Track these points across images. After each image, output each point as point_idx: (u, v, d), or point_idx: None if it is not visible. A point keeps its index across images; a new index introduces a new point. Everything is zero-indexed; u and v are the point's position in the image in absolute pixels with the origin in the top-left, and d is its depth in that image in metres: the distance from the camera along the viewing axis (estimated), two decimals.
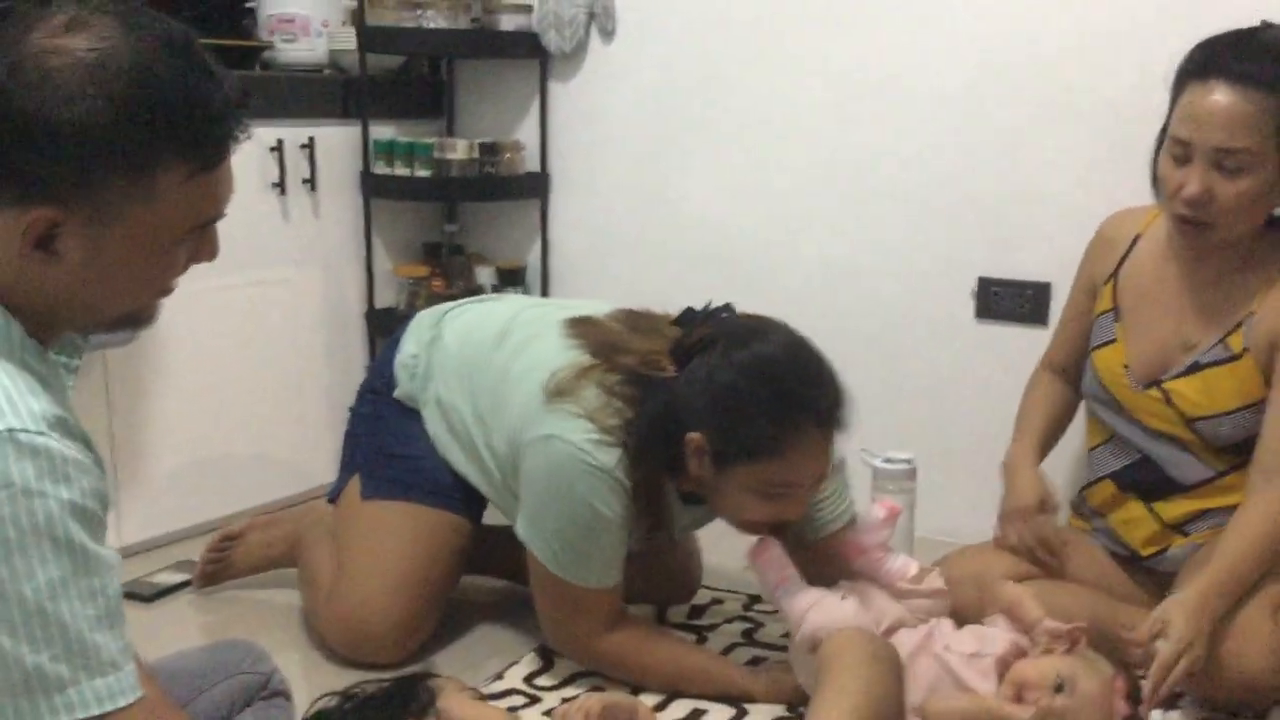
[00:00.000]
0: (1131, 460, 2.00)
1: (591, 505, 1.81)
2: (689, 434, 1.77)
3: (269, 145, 2.64)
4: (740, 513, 1.83)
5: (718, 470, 1.78)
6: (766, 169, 2.73)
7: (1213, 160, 1.77)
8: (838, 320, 2.69)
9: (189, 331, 2.56)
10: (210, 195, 1.15)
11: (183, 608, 2.27)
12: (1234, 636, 1.75)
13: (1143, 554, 2.00)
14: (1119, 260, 2.04)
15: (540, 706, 1.87)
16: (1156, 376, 1.95)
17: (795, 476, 1.78)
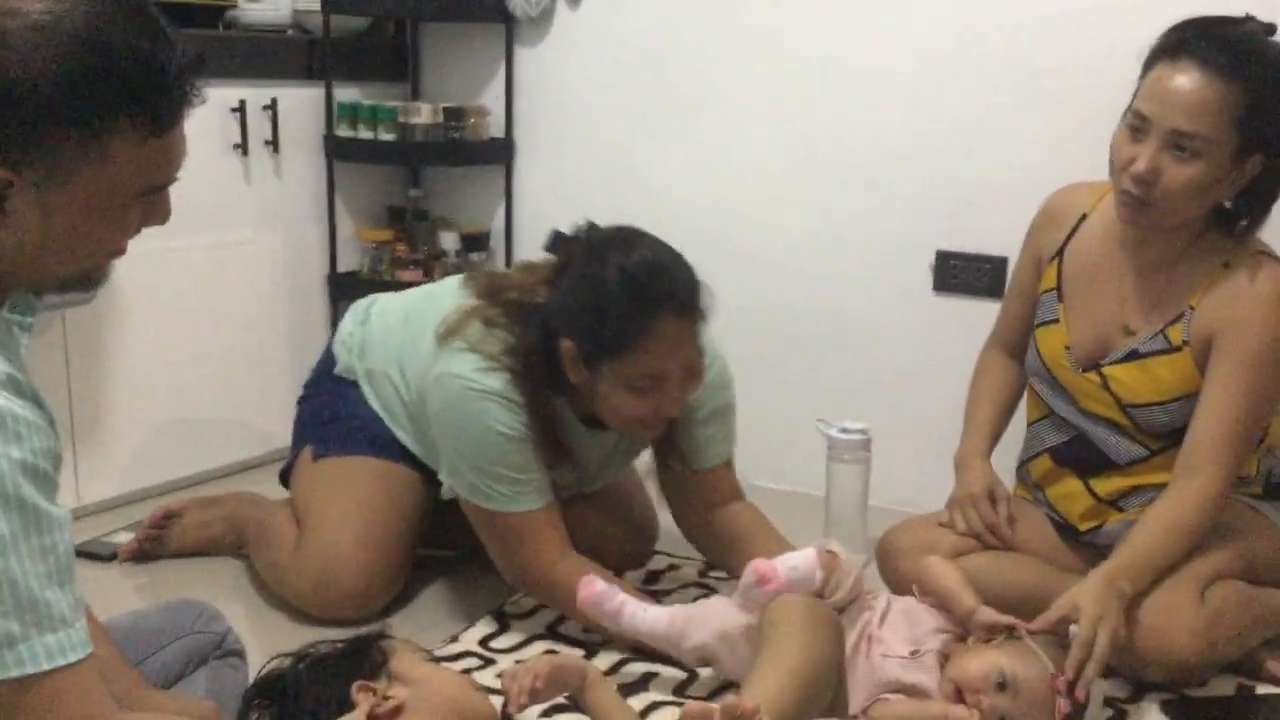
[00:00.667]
0: (1068, 437, 2.02)
1: (490, 428, 1.89)
2: (562, 343, 1.85)
3: (231, 106, 2.63)
4: (622, 410, 1.88)
5: (592, 372, 1.86)
6: (732, 141, 2.74)
7: (1168, 141, 1.76)
8: (798, 291, 2.72)
9: (149, 292, 2.56)
10: (163, 159, 1.15)
11: (139, 568, 2.27)
12: (1158, 615, 1.78)
13: (1080, 529, 2.03)
14: (1065, 238, 2.03)
15: (495, 669, 1.89)
16: (1096, 360, 1.96)
17: (662, 367, 1.84)
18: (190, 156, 2.75)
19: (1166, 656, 1.78)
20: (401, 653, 1.60)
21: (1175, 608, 1.78)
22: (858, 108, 2.60)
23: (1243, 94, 1.74)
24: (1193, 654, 1.78)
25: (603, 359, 1.84)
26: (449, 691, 1.56)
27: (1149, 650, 1.78)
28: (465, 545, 2.27)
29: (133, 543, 2.31)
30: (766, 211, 2.72)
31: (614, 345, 1.83)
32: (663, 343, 1.83)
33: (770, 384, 2.77)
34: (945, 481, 2.45)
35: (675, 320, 1.84)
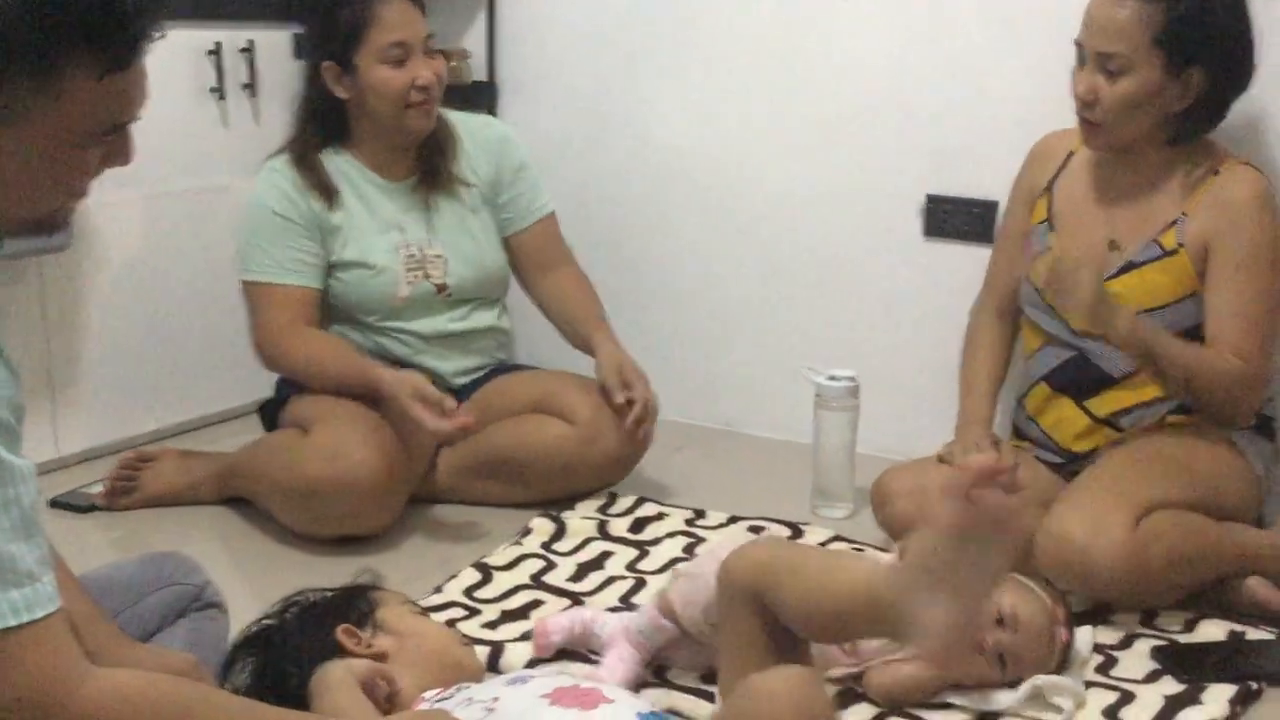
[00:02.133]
0: (1065, 358, 2.05)
1: (261, 202, 2.25)
2: (321, 68, 2.21)
3: (206, 49, 2.57)
4: (387, 90, 2.20)
5: (352, 75, 2.21)
6: (718, 85, 2.68)
7: (1098, 64, 1.91)
8: (787, 237, 2.68)
9: (126, 240, 2.52)
10: (122, 96, 1.10)
11: (116, 519, 2.25)
12: (1083, 530, 1.79)
13: (1076, 450, 2.04)
14: (1054, 174, 2.10)
15: (480, 619, 1.87)
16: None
17: (402, 34, 2.19)
18: (165, 101, 2.70)
19: (1090, 570, 1.79)
20: (390, 603, 1.58)
21: (1102, 522, 1.80)
22: (845, 51, 2.55)
23: (1160, 12, 1.87)
24: (1118, 570, 1.79)
25: (354, 50, 2.18)
26: (435, 644, 1.54)
27: (1074, 564, 1.80)
28: (453, 498, 2.31)
29: (107, 482, 2.28)
30: (754, 156, 2.68)
31: (355, 30, 2.18)
32: (392, 11, 2.19)
33: (758, 331, 2.74)
34: (935, 429, 2.43)
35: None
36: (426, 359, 2.35)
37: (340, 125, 2.29)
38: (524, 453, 2.27)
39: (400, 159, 2.31)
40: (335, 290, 2.30)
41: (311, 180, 2.25)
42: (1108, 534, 1.79)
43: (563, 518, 2.22)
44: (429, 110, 2.25)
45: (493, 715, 1.29)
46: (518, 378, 2.41)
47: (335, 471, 2.06)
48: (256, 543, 2.17)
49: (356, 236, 2.28)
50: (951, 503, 1.22)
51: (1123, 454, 1.95)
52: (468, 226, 2.36)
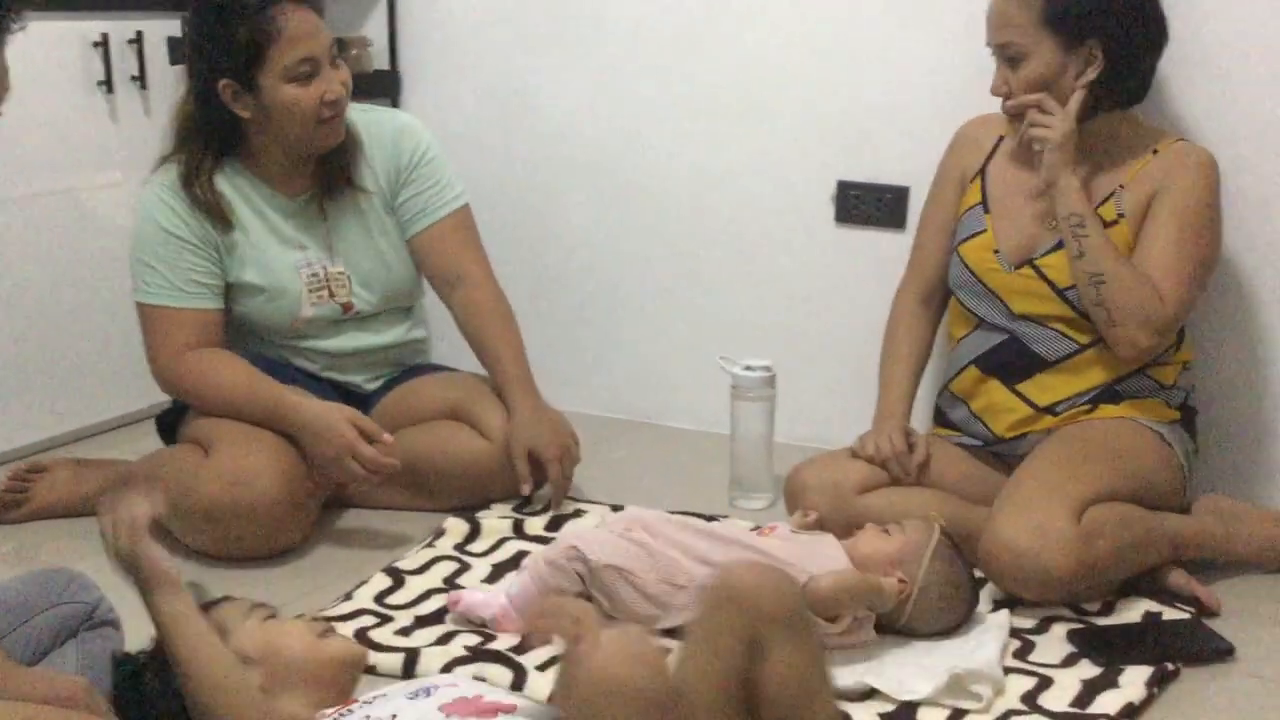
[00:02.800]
0: (997, 342, 2.06)
1: (149, 219, 2.13)
2: (218, 85, 2.05)
3: (93, 40, 2.47)
4: (295, 108, 2.06)
5: (255, 94, 2.06)
6: (626, 72, 2.65)
7: (1001, 55, 1.99)
8: (699, 225, 2.65)
9: (11, 240, 2.41)
10: None
11: (6, 533, 2.15)
12: (1030, 534, 1.80)
13: (1005, 436, 2.05)
14: (985, 158, 2.13)
15: (392, 625, 1.82)
16: (1027, 256, 2.03)
17: (308, 49, 2.05)
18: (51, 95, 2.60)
19: (1040, 575, 1.80)
20: (233, 620, 1.43)
21: (1048, 526, 1.80)
22: (754, 34, 2.52)
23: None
24: (1066, 572, 1.80)
25: (255, 69, 2.03)
26: (297, 651, 1.40)
27: (1023, 569, 1.80)
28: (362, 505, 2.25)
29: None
30: (663, 142, 2.64)
31: (256, 48, 2.02)
32: (294, 25, 2.03)
33: (672, 322, 2.71)
34: (852, 416, 2.43)
35: (294, 6, 2.04)
36: (334, 373, 2.28)
37: (234, 141, 2.15)
38: (437, 464, 2.20)
39: (299, 172, 2.19)
40: (237, 311, 2.21)
41: (203, 203, 2.12)
42: (1055, 537, 1.79)
43: (477, 517, 2.17)
44: (338, 124, 2.13)
45: None
46: (431, 381, 2.33)
47: (237, 497, 1.97)
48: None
49: (255, 257, 2.18)
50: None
51: (1056, 449, 1.95)
52: (372, 239, 2.25)
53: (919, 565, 1.74)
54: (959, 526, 1.90)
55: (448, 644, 1.75)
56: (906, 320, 2.20)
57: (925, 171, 2.25)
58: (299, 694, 1.36)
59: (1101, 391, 2.01)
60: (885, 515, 1.89)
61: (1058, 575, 1.79)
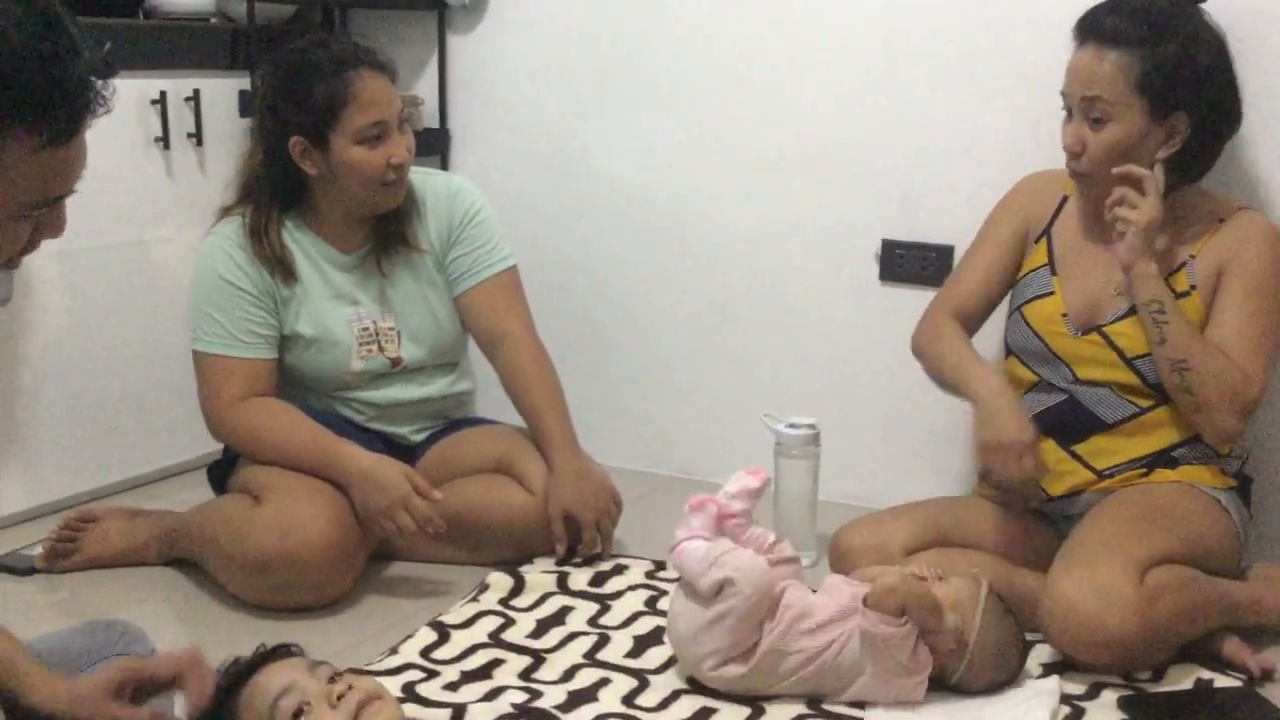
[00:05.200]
0: (1055, 402, 2.04)
1: (210, 269, 2.17)
2: (289, 142, 2.10)
3: (151, 98, 2.52)
4: (362, 169, 2.12)
5: (324, 152, 2.11)
6: (672, 129, 2.67)
7: (1083, 112, 1.94)
8: (743, 283, 2.66)
9: (68, 292, 2.45)
10: (59, 171, 1.06)
11: (58, 582, 2.17)
12: (1093, 597, 1.77)
13: (1055, 494, 2.03)
14: (1050, 218, 2.11)
15: (439, 680, 1.82)
16: (1095, 322, 2.02)
17: (379, 113, 2.11)
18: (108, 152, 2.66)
19: (1103, 637, 1.77)
20: (310, 695, 1.41)
21: (1110, 588, 1.77)
22: (801, 94, 2.55)
23: (1139, 59, 1.90)
24: (1128, 635, 1.77)
25: (328, 129, 2.09)
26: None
27: (1087, 631, 1.77)
28: (407, 558, 2.26)
29: (47, 543, 2.20)
30: (708, 201, 2.67)
31: (331, 109, 2.08)
32: (369, 90, 2.10)
33: (715, 379, 2.71)
34: (896, 475, 2.43)
35: (370, 71, 2.11)
36: (380, 424, 2.30)
37: (298, 196, 2.21)
38: (481, 518, 2.22)
39: (357, 229, 2.24)
40: (287, 361, 2.24)
41: (267, 256, 2.17)
42: (1118, 598, 1.77)
43: (521, 572, 2.17)
44: (401, 186, 2.18)
45: None
46: (475, 435, 2.35)
47: (287, 547, 1.99)
48: (204, 606, 2.10)
49: (310, 310, 2.22)
50: None
51: (1115, 510, 1.93)
52: (423, 296, 2.29)
53: (972, 619, 1.73)
54: (1004, 589, 1.88)
55: (494, 700, 1.75)
56: (945, 325, 2.11)
57: (970, 230, 2.25)
58: None
59: (1158, 457, 1.99)
60: None
61: (1120, 638, 1.76)
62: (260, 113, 2.20)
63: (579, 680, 1.82)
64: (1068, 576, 1.81)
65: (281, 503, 2.04)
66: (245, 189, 2.22)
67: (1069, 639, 1.80)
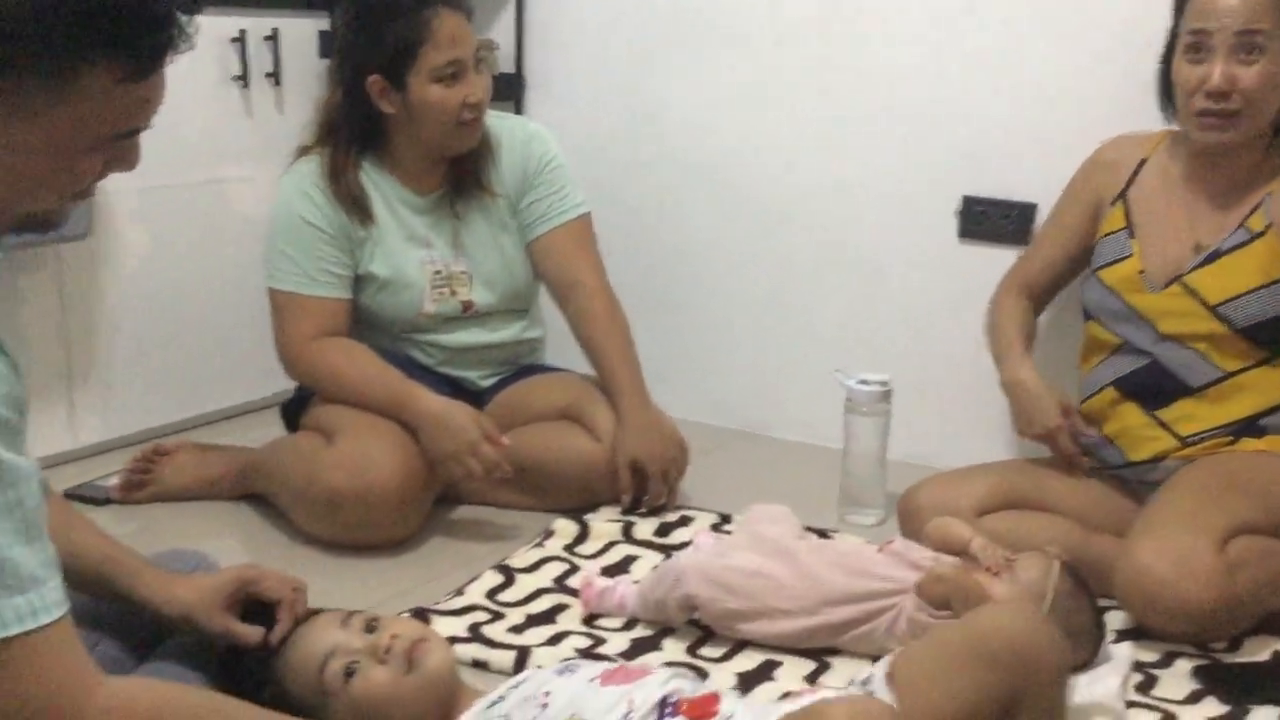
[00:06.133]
0: (1139, 366, 2.00)
1: (290, 208, 2.18)
2: (367, 81, 2.11)
3: (230, 36, 2.53)
4: (439, 108, 2.12)
5: (402, 92, 2.12)
6: (750, 80, 2.63)
7: (1233, 47, 1.84)
8: (817, 237, 2.63)
9: (147, 230, 2.48)
10: (138, 105, 1.06)
11: (131, 513, 2.20)
12: (1171, 565, 1.74)
13: (1136, 460, 1.99)
14: (1126, 183, 2.06)
15: (504, 622, 1.82)
16: (1175, 274, 1.97)
17: (456, 52, 2.10)
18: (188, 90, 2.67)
19: (1181, 607, 1.73)
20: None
21: (1189, 556, 1.73)
22: (881, 46, 2.49)
23: None
24: (1207, 604, 1.73)
25: (406, 68, 2.09)
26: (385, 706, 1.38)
27: (1163, 600, 1.74)
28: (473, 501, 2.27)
29: (122, 474, 2.24)
30: (783, 153, 2.63)
31: (409, 47, 2.08)
32: (446, 28, 2.09)
33: (787, 333, 2.69)
34: (968, 436, 2.39)
35: (447, 10, 2.11)
36: (450, 368, 2.31)
37: (376, 137, 2.21)
38: (548, 464, 2.22)
39: (432, 171, 2.24)
40: (360, 302, 2.25)
41: (345, 195, 2.18)
42: (1196, 567, 1.73)
43: (586, 520, 2.17)
44: (477, 127, 2.18)
45: (546, 711, 1.32)
46: (544, 382, 2.35)
47: (358, 485, 2.01)
48: (274, 541, 2.13)
49: (385, 251, 2.22)
50: None
51: (1196, 477, 1.89)
52: (496, 240, 2.29)
53: (1044, 589, 1.67)
54: (1079, 554, 1.85)
55: (557, 645, 1.75)
56: (1010, 303, 2.16)
57: (1053, 189, 2.20)
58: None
59: (1245, 425, 1.94)
60: (1006, 539, 1.84)
61: (1198, 608, 1.73)
62: (339, 52, 2.21)
63: (642, 629, 1.82)
64: (1146, 544, 1.78)
65: (352, 442, 2.05)
66: (323, 129, 2.22)
67: (1145, 607, 1.77)
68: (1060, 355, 2.25)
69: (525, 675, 1.44)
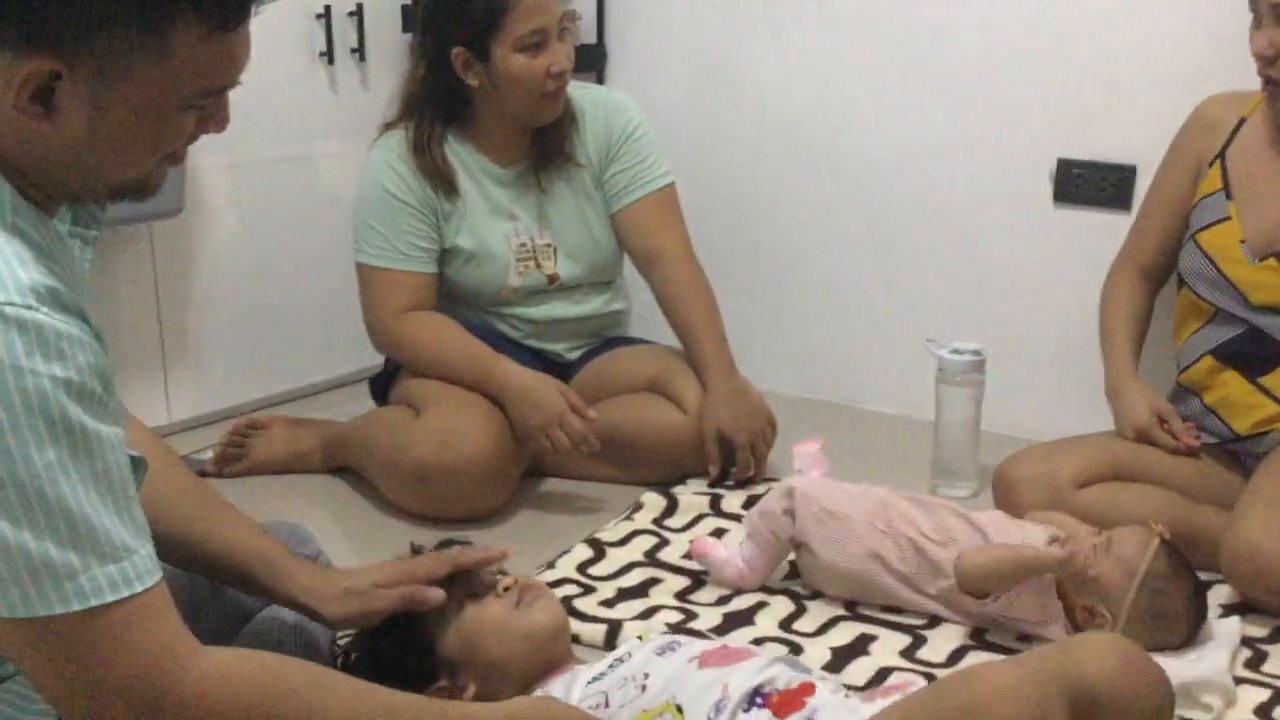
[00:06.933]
0: (1236, 333, 1.94)
1: (376, 182, 2.18)
2: (452, 53, 2.10)
3: (315, 12, 2.53)
4: (523, 78, 2.10)
5: (486, 64, 2.11)
6: (834, 45, 2.58)
7: (1275, 14, 1.82)
8: (907, 203, 2.57)
9: (236, 206, 2.51)
10: (226, 58, 1.05)
11: (225, 486, 2.22)
12: (1270, 538, 1.69)
13: (1243, 433, 1.94)
14: (1225, 142, 2.00)
15: (595, 596, 1.82)
16: (1273, 248, 1.91)
17: (541, 20, 2.09)
18: (274, 66, 2.69)
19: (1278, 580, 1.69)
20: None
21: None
22: (972, 7, 2.42)
23: None
24: None
25: (489, 38, 2.08)
26: (493, 641, 1.43)
27: (1273, 574, 1.69)
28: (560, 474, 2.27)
29: (216, 448, 2.28)
30: (870, 119, 2.57)
31: (493, 17, 2.07)
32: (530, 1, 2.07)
33: (876, 302, 2.64)
34: (1064, 407, 2.33)
35: None
36: (536, 341, 2.31)
37: (459, 110, 2.20)
38: (635, 437, 2.21)
39: (516, 143, 2.23)
40: (446, 275, 2.25)
41: (430, 169, 2.18)
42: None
43: (674, 493, 2.16)
44: (560, 96, 2.17)
45: (645, 694, 1.34)
46: (630, 354, 2.34)
47: (446, 458, 2.02)
48: (365, 514, 2.15)
49: (470, 224, 2.22)
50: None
51: None
52: (581, 212, 2.28)
53: (1137, 568, 1.62)
54: (1183, 527, 1.80)
55: (649, 619, 1.75)
56: (1125, 289, 2.11)
57: (1153, 151, 2.13)
58: (512, 682, 1.41)
59: None
60: (1105, 512, 1.82)
61: None
62: (422, 25, 2.20)
63: (735, 603, 1.81)
64: (1252, 517, 1.73)
65: (441, 415, 2.06)
66: (407, 103, 2.22)
67: (1252, 582, 1.73)
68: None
69: (627, 649, 1.44)
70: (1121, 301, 2.11)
